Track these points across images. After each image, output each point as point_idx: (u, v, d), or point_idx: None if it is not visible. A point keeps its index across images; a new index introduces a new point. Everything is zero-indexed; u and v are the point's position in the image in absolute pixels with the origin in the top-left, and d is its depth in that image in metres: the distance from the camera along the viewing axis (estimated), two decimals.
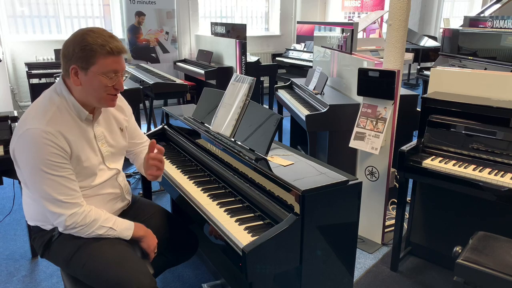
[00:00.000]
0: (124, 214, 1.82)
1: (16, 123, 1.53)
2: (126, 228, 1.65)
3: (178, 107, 2.81)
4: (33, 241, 1.72)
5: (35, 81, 5.46)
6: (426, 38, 7.80)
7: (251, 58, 6.03)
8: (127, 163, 2.04)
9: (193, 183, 2.00)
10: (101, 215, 1.59)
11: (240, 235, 1.53)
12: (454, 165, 2.16)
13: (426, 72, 5.94)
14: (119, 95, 1.79)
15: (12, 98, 5.40)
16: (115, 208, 1.75)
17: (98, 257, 1.56)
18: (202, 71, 5.37)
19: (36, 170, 1.45)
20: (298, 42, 7.39)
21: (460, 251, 1.78)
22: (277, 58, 7.03)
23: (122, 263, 1.56)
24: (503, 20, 5.81)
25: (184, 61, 6.38)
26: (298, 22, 7.66)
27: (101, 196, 1.68)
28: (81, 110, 1.56)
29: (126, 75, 1.61)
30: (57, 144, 1.45)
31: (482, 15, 6.91)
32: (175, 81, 4.47)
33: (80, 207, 1.53)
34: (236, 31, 5.67)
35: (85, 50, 1.44)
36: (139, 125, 3.56)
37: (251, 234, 1.53)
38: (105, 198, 1.69)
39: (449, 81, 2.47)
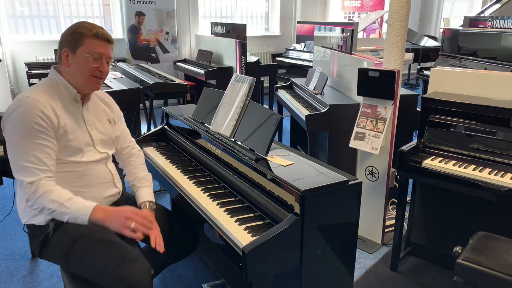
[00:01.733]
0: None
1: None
2: (81, 206, 1.50)
3: (178, 107, 2.81)
4: (31, 242, 1.72)
5: (35, 81, 5.45)
6: (426, 38, 7.80)
7: (251, 58, 6.03)
8: None
9: (193, 183, 2.00)
10: (62, 193, 1.51)
11: (240, 235, 1.53)
12: (454, 165, 2.16)
13: (426, 72, 5.93)
14: (110, 98, 1.90)
15: (12, 98, 5.40)
16: (106, 194, 1.75)
17: (94, 250, 1.57)
18: (202, 71, 5.36)
19: (17, 134, 1.50)
20: (298, 42, 7.39)
21: (460, 251, 1.78)
22: (277, 58, 7.03)
23: (118, 255, 1.56)
24: (503, 20, 5.81)
25: (184, 61, 6.38)
26: (298, 22, 7.66)
27: (92, 177, 1.70)
28: (70, 88, 1.64)
29: (113, 63, 1.72)
30: (45, 113, 1.52)
31: (482, 15, 6.91)
32: (175, 81, 4.46)
33: (42, 180, 1.50)
34: (236, 31, 5.67)
35: (74, 33, 1.60)
36: (139, 125, 3.57)
37: (251, 234, 1.53)
38: (95, 180, 1.71)
39: (449, 81, 2.47)
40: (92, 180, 1.70)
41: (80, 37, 1.59)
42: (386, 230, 2.88)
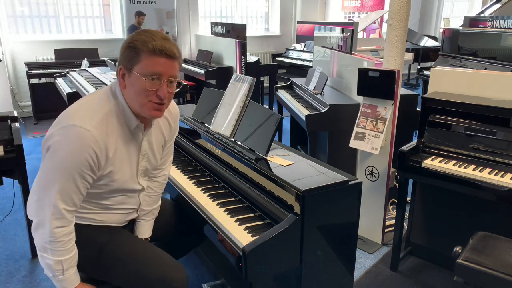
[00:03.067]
0: None
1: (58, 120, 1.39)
2: (69, 279, 1.43)
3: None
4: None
5: (35, 81, 5.47)
6: (426, 38, 7.80)
7: (251, 58, 6.03)
8: None
9: (193, 183, 2.00)
10: (71, 257, 1.42)
11: (240, 235, 1.53)
12: (454, 165, 2.16)
13: (426, 72, 5.94)
14: (175, 111, 1.67)
15: (12, 98, 5.40)
16: (123, 220, 1.68)
17: (126, 257, 1.54)
18: (202, 71, 5.36)
19: (58, 168, 1.32)
20: (298, 42, 7.39)
21: (460, 251, 1.78)
22: (277, 58, 7.03)
23: (155, 258, 1.55)
24: (503, 20, 5.81)
25: (184, 61, 6.37)
26: (298, 22, 7.66)
27: (119, 209, 1.61)
28: (131, 118, 1.44)
29: (178, 83, 1.43)
30: (97, 156, 1.35)
31: (482, 15, 6.91)
32: None
33: (67, 227, 1.38)
34: (236, 31, 5.66)
35: (129, 47, 1.35)
36: None
37: (251, 234, 1.53)
38: (121, 210, 1.63)
39: (449, 81, 2.47)
40: (118, 210, 1.61)
41: (135, 53, 1.32)
42: (386, 230, 2.88)
